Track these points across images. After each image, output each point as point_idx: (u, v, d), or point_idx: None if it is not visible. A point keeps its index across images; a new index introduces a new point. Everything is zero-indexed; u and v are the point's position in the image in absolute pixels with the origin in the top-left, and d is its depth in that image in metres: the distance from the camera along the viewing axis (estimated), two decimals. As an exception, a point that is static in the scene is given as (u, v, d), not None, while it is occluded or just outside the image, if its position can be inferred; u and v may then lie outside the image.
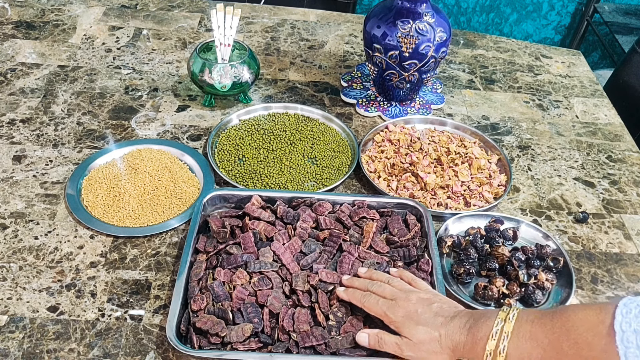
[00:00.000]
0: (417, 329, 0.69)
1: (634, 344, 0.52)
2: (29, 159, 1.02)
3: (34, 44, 1.31)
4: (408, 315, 0.70)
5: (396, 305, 0.71)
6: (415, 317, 0.70)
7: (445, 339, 0.68)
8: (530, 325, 0.63)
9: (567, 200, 1.04)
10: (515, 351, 0.63)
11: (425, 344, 0.68)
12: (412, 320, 0.70)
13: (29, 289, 0.81)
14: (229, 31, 1.11)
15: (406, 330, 0.70)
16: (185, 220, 0.92)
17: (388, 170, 1.03)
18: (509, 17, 2.47)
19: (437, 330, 0.68)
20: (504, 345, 0.63)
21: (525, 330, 0.63)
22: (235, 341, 0.72)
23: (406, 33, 1.07)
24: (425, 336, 0.68)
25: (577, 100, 1.30)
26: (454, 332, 0.67)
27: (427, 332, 0.68)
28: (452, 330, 0.68)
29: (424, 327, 0.69)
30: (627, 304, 0.55)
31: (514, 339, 0.63)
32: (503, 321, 0.64)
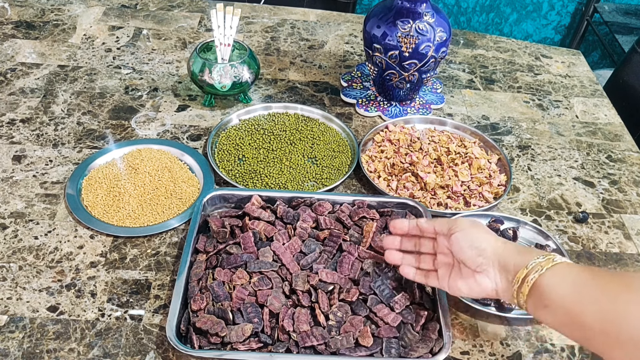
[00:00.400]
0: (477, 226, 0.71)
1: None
2: (28, 159, 1.02)
3: (34, 43, 1.31)
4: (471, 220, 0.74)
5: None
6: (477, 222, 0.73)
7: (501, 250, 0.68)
8: (575, 267, 0.63)
9: (567, 200, 1.04)
10: (544, 282, 0.63)
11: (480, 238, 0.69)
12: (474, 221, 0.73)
13: (29, 288, 0.81)
14: (229, 31, 1.11)
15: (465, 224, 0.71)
16: (185, 220, 0.92)
17: (388, 170, 1.03)
18: (509, 17, 2.47)
19: (495, 237, 0.70)
20: (533, 277, 0.63)
21: (566, 270, 0.63)
22: (235, 341, 0.72)
23: (406, 33, 1.07)
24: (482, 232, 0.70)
25: (577, 100, 1.30)
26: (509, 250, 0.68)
27: (486, 231, 0.71)
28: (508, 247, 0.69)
29: (484, 228, 0.72)
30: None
31: (547, 274, 0.63)
32: (547, 257, 0.65)
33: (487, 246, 0.69)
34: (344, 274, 0.81)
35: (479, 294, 0.70)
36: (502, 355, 0.79)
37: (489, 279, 0.69)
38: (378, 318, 0.77)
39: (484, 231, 0.71)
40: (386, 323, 0.76)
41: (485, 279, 0.69)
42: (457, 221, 0.72)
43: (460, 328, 0.81)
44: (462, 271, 0.71)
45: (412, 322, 0.77)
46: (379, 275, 0.81)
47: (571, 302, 0.61)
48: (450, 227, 0.72)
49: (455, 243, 0.71)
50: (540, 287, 0.63)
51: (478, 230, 0.71)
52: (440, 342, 0.75)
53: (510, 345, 0.80)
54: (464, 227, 0.71)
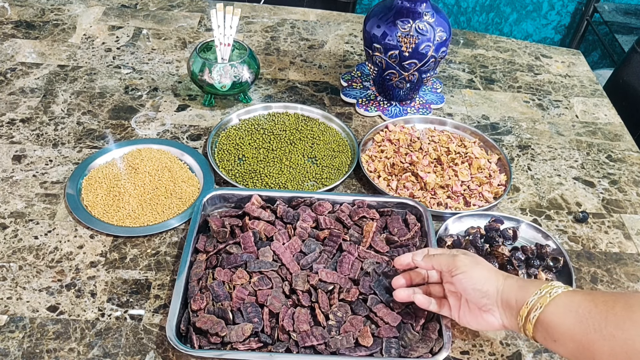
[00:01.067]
0: (477, 266, 0.71)
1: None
2: (28, 159, 1.02)
3: (34, 43, 1.31)
4: (472, 260, 0.72)
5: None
6: (478, 260, 0.73)
7: (502, 287, 0.69)
8: (576, 298, 0.63)
9: (567, 200, 1.04)
10: (545, 317, 0.64)
11: (482, 280, 0.69)
12: (475, 260, 0.72)
13: (29, 288, 0.81)
14: (228, 31, 1.11)
15: (466, 266, 0.71)
16: (185, 220, 0.92)
17: (388, 170, 1.03)
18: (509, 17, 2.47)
19: (497, 276, 0.70)
20: (535, 315, 0.64)
21: (567, 301, 0.63)
22: (235, 341, 0.72)
23: (406, 33, 1.07)
24: (484, 272, 0.70)
25: (577, 100, 1.30)
26: (510, 286, 0.69)
27: (488, 270, 0.71)
28: (509, 284, 0.69)
29: (485, 266, 0.71)
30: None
31: (547, 309, 0.64)
32: (545, 289, 0.65)
33: (489, 287, 0.70)
34: (344, 274, 0.81)
35: (488, 329, 0.73)
36: (502, 355, 0.79)
37: (495, 318, 0.70)
38: (378, 318, 0.77)
39: (485, 270, 0.71)
40: (386, 323, 0.76)
41: (491, 317, 0.70)
42: (457, 262, 0.72)
43: (460, 328, 0.81)
44: (469, 306, 0.72)
45: (412, 322, 0.77)
46: (379, 275, 0.81)
47: (578, 334, 0.61)
48: (451, 269, 0.72)
49: (459, 284, 0.71)
50: (545, 323, 0.64)
51: (480, 270, 0.71)
52: (440, 341, 0.75)
53: (510, 345, 0.80)
54: (465, 268, 0.71)
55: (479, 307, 0.70)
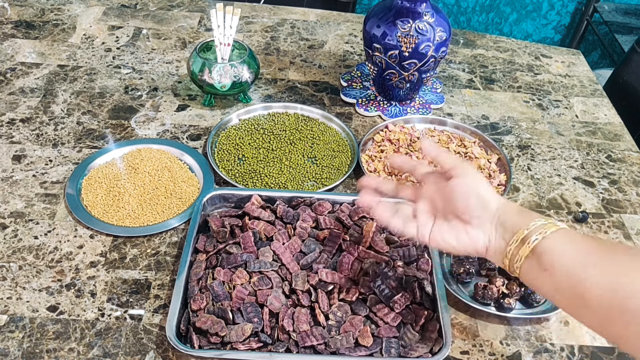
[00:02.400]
0: (482, 177, 0.66)
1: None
2: (28, 159, 1.02)
3: (34, 43, 1.31)
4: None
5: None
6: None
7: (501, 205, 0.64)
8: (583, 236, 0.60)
9: (567, 200, 1.04)
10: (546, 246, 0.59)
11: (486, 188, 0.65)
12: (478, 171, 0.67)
13: (29, 288, 0.81)
14: (228, 31, 1.11)
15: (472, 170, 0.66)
16: (185, 220, 0.92)
17: (388, 170, 1.03)
18: (509, 17, 2.47)
19: (496, 194, 0.65)
20: (535, 239, 0.60)
21: (572, 235, 0.60)
22: (235, 341, 0.72)
23: (406, 33, 1.07)
24: (487, 184, 0.65)
25: (577, 99, 1.30)
26: (509, 207, 0.64)
27: (489, 185, 0.66)
28: (508, 205, 0.65)
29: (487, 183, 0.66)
30: None
31: (550, 236, 0.59)
32: (549, 222, 0.61)
33: (491, 201, 0.64)
34: (343, 274, 0.81)
35: (465, 248, 0.65)
36: (502, 354, 0.79)
37: (483, 234, 0.64)
38: (378, 318, 0.77)
39: (488, 185, 0.66)
40: (386, 323, 0.76)
41: (479, 232, 0.64)
42: (464, 164, 0.66)
43: (460, 328, 0.81)
44: (450, 222, 0.66)
45: (412, 321, 0.77)
46: (378, 275, 0.81)
47: (575, 267, 0.57)
48: (455, 167, 0.66)
49: (458, 188, 0.65)
50: (542, 250, 0.59)
51: (484, 182, 0.65)
52: (440, 341, 0.75)
53: (510, 345, 0.80)
54: (469, 172, 0.65)
55: (469, 219, 0.64)
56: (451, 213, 0.66)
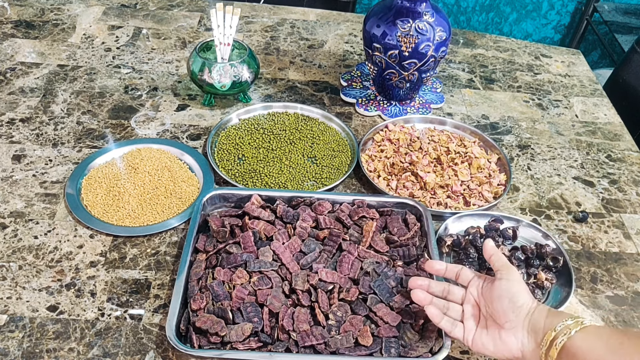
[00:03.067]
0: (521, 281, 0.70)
1: None
2: (28, 159, 1.02)
3: (34, 43, 1.31)
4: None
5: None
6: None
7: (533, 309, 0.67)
8: (604, 329, 0.63)
9: (567, 200, 1.04)
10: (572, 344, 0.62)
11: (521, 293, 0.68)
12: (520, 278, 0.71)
13: (29, 288, 0.81)
14: (228, 30, 1.11)
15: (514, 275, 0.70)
16: (185, 220, 0.92)
17: (388, 170, 1.03)
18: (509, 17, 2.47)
19: (532, 297, 0.69)
20: (561, 340, 0.63)
21: (595, 331, 0.62)
22: (235, 340, 0.72)
23: (406, 32, 1.07)
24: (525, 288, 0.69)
25: (577, 99, 1.30)
26: (540, 311, 0.67)
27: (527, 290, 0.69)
28: (540, 308, 0.68)
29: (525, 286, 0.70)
30: None
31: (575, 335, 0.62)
32: (574, 320, 0.64)
33: (523, 304, 0.68)
34: (343, 274, 0.81)
35: (503, 353, 0.69)
36: (502, 354, 0.79)
37: (515, 339, 0.68)
38: (378, 317, 0.77)
39: (525, 289, 0.69)
40: (386, 322, 0.76)
41: (511, 337, 0.68)
42: (511, 268, 0.70)
43: (460, 327, 0.81)
44: (488, 326, 0.70)
45: (412, 321, 0.77)
46: (378, 274, 0.81)
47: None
48: (502, 269, 0.70)
49: (498, 289, 0.69)
50: (571, 350, 0.62)
51: (522, 286, 0.69)
52: (440, 341, 0.75)
53: (509, 345, 0.80)
54: (513, 277, 0.69)
55: (502, 322, 0.68)
56: (490, 318, 0.70)
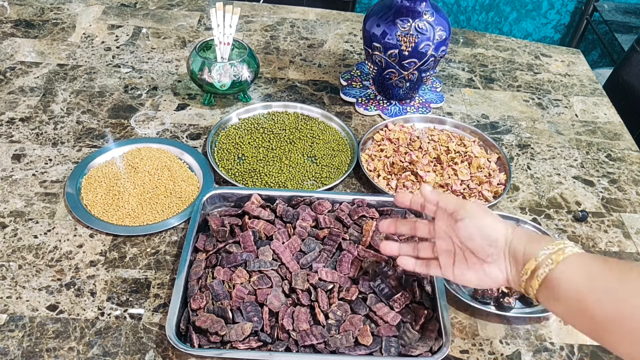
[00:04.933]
0: (486, 212, 0.67)
1: None
2: (28, 158, 1.02)
3: (33, 42, 1.31)
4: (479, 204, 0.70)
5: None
6: (486, 209, 0.69)
7: (511, 237, 0.65)
8: (589, 259, 0.60)
9: (567, 199, 1.04)
10: (556, 276, 0.60)
11: (491, 225, 0.66)
12: (483, 208, 0.68)
13: (29, 287, 0.81)
14: (228, 30, 1.11)
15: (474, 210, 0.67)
16: (185, 219, 0.92)
17: (387, 169, 1.03)
18: (509, 16, 2.47)
19: (505, 224, 0.66)
20: (544, 270, 0.60)
21: (579, 261, 0.60)
22: (235, 340, 0.72)
23: (406, 32, 1.07)
24: (493, 218, 0.66)
25: (577, 99, 1.30)
26: (519, 237, 0.65)
27: (496, 217, 0.67)
28: (518, 234, 0.65)
29: (493, 214, 0.68)
30: None
31: (559, 266, 0.60)
32: (557, 247, 0.62)
33: (498, 236, 0.65)
34: (343, 273, 0.81)
35: (490, 284, 0.67)
36: (502, 354, 0.79)
37: (499, 270, 0.66)
38: (377, 317, 0.77)
39: (493, 219, 0.67)
40: (385, 322, 0.76)
41: (495, 269, 0.66)
42: (466, 205, 0.67)
43: (460, 327, 0.81)
44: (467, 260, 0.68)
45: (412, 321, 0.77)
46: (378, 274, 0.81)
47: (584, 294, 0.58)
48: (457, 210, 0.67)
49: (464, 230, 0.66)
50: (552, 281, 0.60)
51: (488, 217, 0.67)
52: (440, 340, 0.75)
53: (509, 344, 0.80)
54: (473, 213, 0.66)
55: (484, 257, 0.66)
56: (467, 251, 0.68)
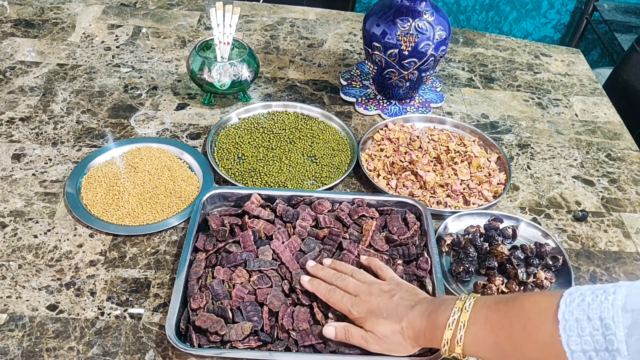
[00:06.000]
0: (379, 322, 0.70)
1: (575, 333, 0.54)
2: (28, 158, 1.02)
3: (33, 42, 1.31)
4: (370, 310, 0.71)
5: (359, 301, 0.73)
6: (378, 311, 0.71)
7: (407, 329, 0.69)
8: (486, 311, 0.64)
9: (567, 199, 1.04)
10: (471, 337, 0.64)
11: (388, 336, 0.70)
12: (374, 314, 0.71)
13: (29, 287, 0.81)
14: (228, 29, 1.11)
15: (369, 324, 0.71)
16: (185, 219, 0.92)
17: (387, 169, 1.03)
18: (509, 16, 2.47)
19: (399, 322, 0.69)
20: (460, 335, 0.64)
21: (481, 317, 0.64)
22: (235, 340, 0.72)
23: (406, 31, 1.07)
24: (388, 329, 0.70)
25: (577, 98, 1.30)
26: (414, 321, 0.68)
27: (389, 326, 0.70)
28: (413, 319, 0.69)
29: (386, 320, 0.70)
30: (572, 292, 0.57)
31: (470, 327, 0.64)
32: (460, 310, 0.65)
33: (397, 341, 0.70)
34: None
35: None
36: (502, 353, 0.79)
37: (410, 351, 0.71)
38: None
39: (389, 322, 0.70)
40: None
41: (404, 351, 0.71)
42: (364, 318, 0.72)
43: (460, 326, 0.81)
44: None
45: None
46: (378, 273, 0.81)
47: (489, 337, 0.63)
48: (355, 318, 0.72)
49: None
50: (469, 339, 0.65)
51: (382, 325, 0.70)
52: (440, 340, 0.75)
53: (509, 344, 0.80)
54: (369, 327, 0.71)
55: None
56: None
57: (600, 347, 0.52)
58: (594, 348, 0.53)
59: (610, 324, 0.52)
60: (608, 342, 0.52)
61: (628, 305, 0.52)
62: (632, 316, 0.51)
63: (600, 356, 0.52)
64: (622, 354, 0.51)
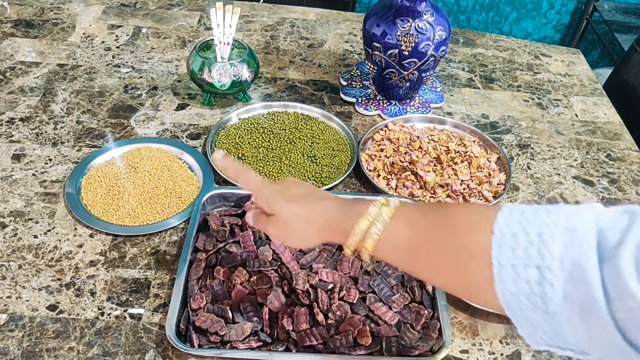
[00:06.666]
0: (287, 205, 0.65)
1: (508, 247, 0.49)
2: (28, 158, 1.01)
3: (33, 42, 1.31)
4: (280, 192, 0.67)
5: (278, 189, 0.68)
6: (287, 194, 0.66)
7: (315, 217, 0.64)
8: (413, 212, 0.59)
9: (567, 199, 1.04)
10: (389, 233, 0.58)
11: (291, 222, 0.65)
12: (283, 196, 0.66)
13: (29, 287, 0.81)
14: (228, 30, 1.11)
15: (275, 207, 0.66)
16: (185, 219, 0.92)
17: (387, 169, 1.03)
18: (509, 16, 2.47)
19: (307, 207, 0.65)
20: (377, 229, 0.58)
21: (405, 216, 0.59)
22: (235, 340, 0.72)
23: (406, 32, 1.07)
24: (294, 213, 0.65)
25: (577, 99, 1.30)
26: (326, 209, 0.64)
27: (297, 209, 0.65)
28: (324, 207, 0.64)
29: (295, 204, 0.65)
30: (512, 208, 0.52)
31: (391, 222, 0.58)
32: (383, 205, 0.59)
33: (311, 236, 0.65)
34: (343, 273, 0.81)
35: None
36: (502, 354, 0.79)
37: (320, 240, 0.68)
38: (377, 317, 0.77)
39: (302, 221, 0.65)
40: (385, 322, 0.76)
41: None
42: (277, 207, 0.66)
43: (460, 327, 0.81)
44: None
45: (412, 321, 0.77)
46: (378, 274, 0.81)
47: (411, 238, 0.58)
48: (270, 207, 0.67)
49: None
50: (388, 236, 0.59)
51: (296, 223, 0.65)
52: (440, 340, 0.75)
53: (509, 344, 0.80)
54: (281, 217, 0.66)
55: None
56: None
57: (531, 262, 0.48)
58: (524, 263, 0.48)
59: (548, 239, 0.48)
60: (541, 257, 0.48)
61: (570, 224, 0.48)
62: (572, 235, 0.47)
63: (528, 272, 0.48)
64: (553, 270, 0.47)
